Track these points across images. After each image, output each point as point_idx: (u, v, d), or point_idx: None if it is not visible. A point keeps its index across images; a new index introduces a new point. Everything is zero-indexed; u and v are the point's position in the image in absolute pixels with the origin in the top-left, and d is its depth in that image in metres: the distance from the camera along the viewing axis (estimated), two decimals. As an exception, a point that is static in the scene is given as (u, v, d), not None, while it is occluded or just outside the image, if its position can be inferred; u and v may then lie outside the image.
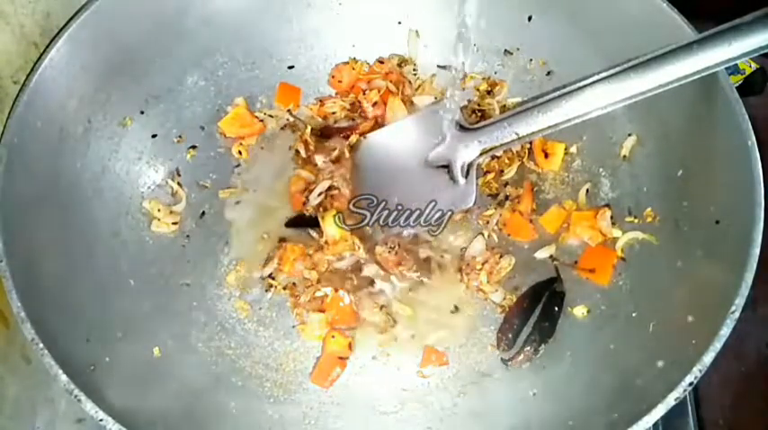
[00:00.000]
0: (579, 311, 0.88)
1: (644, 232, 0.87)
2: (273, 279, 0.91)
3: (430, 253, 0.93)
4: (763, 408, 0.87)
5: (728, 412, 0.90)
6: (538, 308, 0.88)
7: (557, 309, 0.88)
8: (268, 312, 0.90)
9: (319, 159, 0.96)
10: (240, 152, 0.99)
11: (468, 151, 0.89)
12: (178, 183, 0.95)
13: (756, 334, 0.85)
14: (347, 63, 1.02)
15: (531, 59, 0.99)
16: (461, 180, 0.90)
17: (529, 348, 0.86)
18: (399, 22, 1.02)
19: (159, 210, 0.92)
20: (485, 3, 0.96)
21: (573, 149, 0.97)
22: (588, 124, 0.94)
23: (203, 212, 0.95)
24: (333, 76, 1.02)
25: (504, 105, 1.00)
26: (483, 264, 0.90)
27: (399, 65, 1.02)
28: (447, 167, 0.90)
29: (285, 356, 0.88)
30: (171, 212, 0.93)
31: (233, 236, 0.94)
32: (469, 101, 1.01)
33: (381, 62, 1.02)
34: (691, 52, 0.73)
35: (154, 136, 0.94)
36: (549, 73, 0.98)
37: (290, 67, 1.02)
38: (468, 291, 0.91)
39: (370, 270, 0.92)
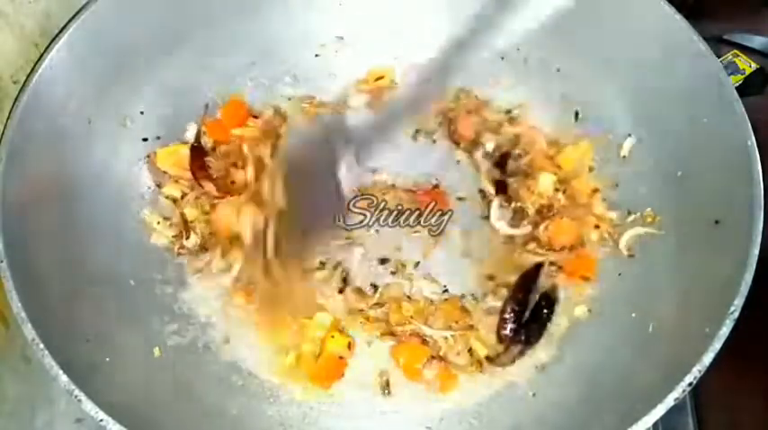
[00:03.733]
0: (580, 310, 0.88)
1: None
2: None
3: None
4: (763, 408, 0.86)
5: (728, 412, 0.90)
6: (528, 307, 0.88)
7: (546, 311, 0.87)
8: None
9: None
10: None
11: None
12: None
13: (756, 333, 0.85)
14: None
15: (526, 59, 0.99)
16: None
17: (514, 348, 0.85)
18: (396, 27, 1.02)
19: (159, 223, 0.91)
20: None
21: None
22: (588, 125, 0.95)
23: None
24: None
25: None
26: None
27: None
28: None
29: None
30: (170, 225, 0.92)
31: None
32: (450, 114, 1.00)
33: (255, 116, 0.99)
34: None
35: (157, 137, 0.94)
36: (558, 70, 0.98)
37: (291, 68, 1.02)
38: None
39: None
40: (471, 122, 0.99)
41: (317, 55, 1.02)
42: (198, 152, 0.94)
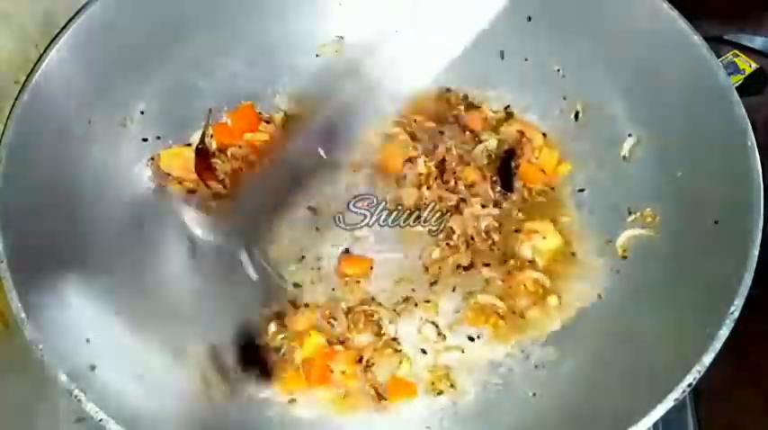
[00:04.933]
0: (553, 301, 0.89)
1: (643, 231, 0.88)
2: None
3: None
4: (763, 408, 0.87)
5: (728, 412, 0.90)
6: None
7: None
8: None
9: None
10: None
11: None
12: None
13: (756, 333, 0.85)
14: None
15: (526, 59, 0.99)
16: None
17: None
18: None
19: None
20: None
21: (573, 150, 0.97)
22: (588, 125, 0.95)
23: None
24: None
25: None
26: None
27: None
28: None
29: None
30: None
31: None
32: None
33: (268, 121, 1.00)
34: None
35: (157, 137, 0.94)
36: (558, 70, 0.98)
37: (291, 68, 1.02)
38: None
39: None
40: (479, 116, 1.00)
41: (317, 55, 1.02)
42: (203, 154, 0.95)
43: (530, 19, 0.95)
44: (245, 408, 0.84)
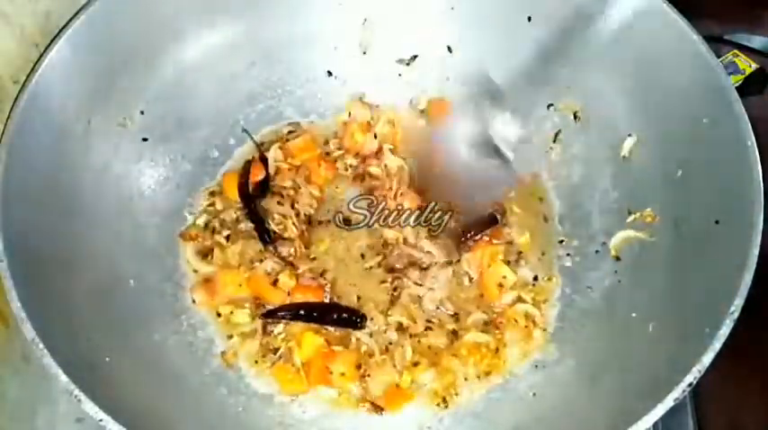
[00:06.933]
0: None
1: (641, 231, 0.88)
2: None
3: None
4: (763, 408, 0.86)
5: (728, 412, 0.90)
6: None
7: None
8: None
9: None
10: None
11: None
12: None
13: (756, 333, 0.85)
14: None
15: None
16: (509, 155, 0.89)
17: None
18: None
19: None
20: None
21: (573, 150, 0.97)
22: (588, 125, 0.95)
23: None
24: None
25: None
26: None
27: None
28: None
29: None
30: None
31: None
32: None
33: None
34: None
35: (157, 137, 0.94)
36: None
37: (290, 68, 1.02)
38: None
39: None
40: None
41: (317, 55, 1.02)
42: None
43: (530, 19, 0.95)
44: (246, 407, 0.84)
